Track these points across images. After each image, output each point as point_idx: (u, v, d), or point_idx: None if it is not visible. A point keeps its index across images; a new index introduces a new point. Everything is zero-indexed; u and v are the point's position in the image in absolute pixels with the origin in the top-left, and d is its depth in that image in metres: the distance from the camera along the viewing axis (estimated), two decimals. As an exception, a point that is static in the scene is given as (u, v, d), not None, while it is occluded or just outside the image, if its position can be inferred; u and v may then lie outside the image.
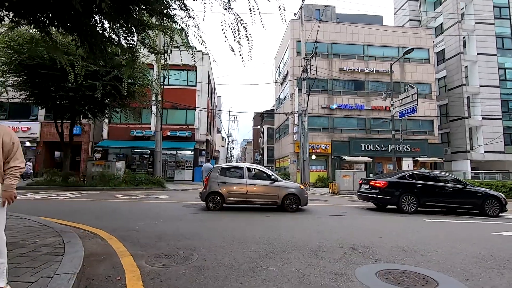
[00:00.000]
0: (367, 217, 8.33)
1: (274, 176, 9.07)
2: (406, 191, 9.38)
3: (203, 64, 24.75)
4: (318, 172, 24.82)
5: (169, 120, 24.22)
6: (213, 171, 9.12)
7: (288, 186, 9.05)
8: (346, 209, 10.02)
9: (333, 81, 25.45)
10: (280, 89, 30.63)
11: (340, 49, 25.92)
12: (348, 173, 17.88)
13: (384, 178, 9.82)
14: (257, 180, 9.04)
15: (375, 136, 25.19)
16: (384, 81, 25.30)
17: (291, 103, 24.78)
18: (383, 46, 26.26)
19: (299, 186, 9.20)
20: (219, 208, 8.69)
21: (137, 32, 5.41)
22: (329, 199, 14.28)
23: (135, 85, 15.64)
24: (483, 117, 26.70)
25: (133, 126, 23.52)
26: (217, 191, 8.77)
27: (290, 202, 8.92)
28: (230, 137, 60.15)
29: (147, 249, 4.39)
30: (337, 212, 9.09)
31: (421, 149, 24.61)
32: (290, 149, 25.10)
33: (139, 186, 15.86)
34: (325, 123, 25.17)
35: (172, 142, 23.26)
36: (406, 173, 9.78)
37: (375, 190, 9.62)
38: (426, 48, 26.68)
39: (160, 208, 8.82)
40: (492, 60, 27.41)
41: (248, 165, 9.32)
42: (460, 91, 27.01)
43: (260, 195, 8.87)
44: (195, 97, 24.23)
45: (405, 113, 16.38)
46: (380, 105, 25.36)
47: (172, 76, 24.31)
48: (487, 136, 26.46)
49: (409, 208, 9.28)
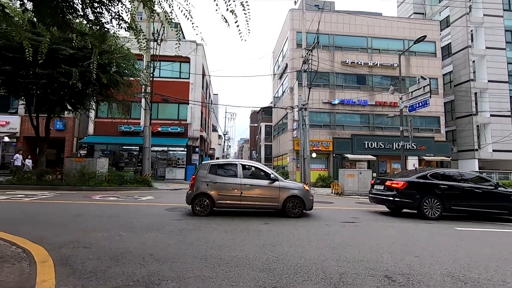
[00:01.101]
0: (385, 225, 6.93)
1: (273, 175, 7.65)
2: (429, 193, 7.99)
3: (197, 55, 23.26)
4: (318, 171, 23.45)
5: (160, 114, 22.71)
6: (201, 169, 7.68)
7: (290, 187, 7.63)
8: (357, 214, 8.62)
9: (335, 75, 24.05)
10: (278, 84, 29.18)
11: (343, 41, 24.51)
12: (353, 172, 16.51)
13: (402, 178, 8.42)
14: (254, 179, 7.62)
15: (379, 133, 23.85)
16: (389, 75, 23.96)
17: (290, 98, 23.36)
18: (387, 38, 24.89)
19: (303, 187, 7.79)
20: (208, 213, 7.26)
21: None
22: (333, 201, 12.91)
23: (120, 74, 14.15)
24: (491, 114, 25.47)
25: (121, 121, 21.94)
26: (205, 192, 7.33)
27: (293, 206, 7.51)
28: (226, 135, 58.66)
29: (89, 281, 2.95)
30: (348, 218, 7.69)
31: (427, 147, 23.33)
32: (289, 146, 23.69)
33: (124, 185, 14.37)
34: (326, 119, 23.78)
35: (163, 138, 21.76)
36: (427, 172, 8.39)
37: (391, 192, 8.23)
38: (432, 41, 25.36)
39: (138, 213, 7.36)
40: (501, 54, 26.16)
41: (243, 162, 7.88)
42: (467, 87, 25.75)
43: (257, 197, 7.45)
44: (188, 90, 22.72)
45: (416, 107, 15.01)
46: (384, 101, 24.02)
47: (164, 68, 22.82)
48: (496, 134, 25.22)
49: (432, 213, 7.91)
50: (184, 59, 22.73)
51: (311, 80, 18.79)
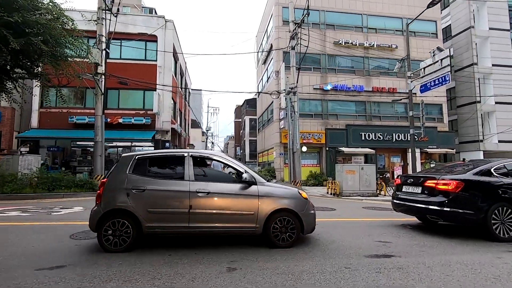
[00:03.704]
0: (449, 261, 3.83)
1: (248, 174, 4.42)
2: (498, 199, 5.01)
3: (165, 33, 19.68)
4: (309, 168, 20.48)
5: (122, 103, 19.08)
6: (118, 165, 4.39)
7: (277, 195, 4.45)
8: (379, 231, 5.54)
9: (326, 57, 21.04)
10: (263, 70, 25.94)
11: (335, 19, 21.51)
12: (353, 168, 13.54)
13: (452, 175, 5.39)
14: (214, 183, 4.41)
15: (377, 123, 21.09)
16: (387, 57, 21.19)
17: (276, 83, 20.19)
18: (384, 16, 22.09)
19: (298, 194, 4.60)
20: (129, 245, 4.00)
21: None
22: (334, 205, 9.87)
23: (46, 43, 10.49)
24: (496, 102, 23.20)
25: (73, 111, 18.21)
26: (124, 208, 4.08)
27: (282, 227, 4.37)
28: (209, 130, 54.98)
29: None
30: (373, 244, 4.60)
31: (429, 138, 20.72)
32: (276, 139, 20.56)
33: (57, 191, 10.82)
34: (318, 108, 20.77)
35: (126, 131, 18.16)
36: (489, 165, 5.39)
37: (436, 198, 5.19)
38: (433, 20, 22.79)
39: (13, 247, 3.97)
40: (505, 36, 23.94)
41: (194, 153, 4.60)
42: (470, 72, 23.39)
43: (218, 215, 4.26)
44: (155, 75, 19.12)
45: (431, 86, 12.20)
46: (382, 86, 21.25)
47: (126, 47, 19.12)
48: (501, 123, 23.01)
49: (505, 231, 4.93)
50: (150, 37, 19.10)
51: (300, 60, 15.68)
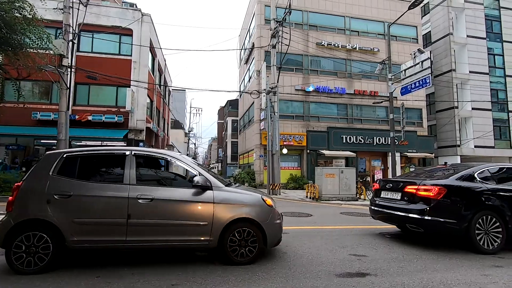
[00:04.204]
0: (431, 279, 3.29)
1: (202, 177, 3.72)
2: (482, 206, 4.58)
3: (142, 27, 18.70)
4: (290, 170, 19.99)
5: (93, 100, 17.90)
6: (39, 165, 3.60)
7: (235, 202, 3.79)
8: (355, 241, 4.99)
9: (309, 58, 20.69)
10: (245, 70, 25.33)
11: (318, 20, 21.23)
12: (333, 171, 13.11)
13: (431, 180, 4.91)
14: (161, 188, 3.70)
15: (358, 126, 20.91)
16: (369, 60, 21.11)
17: (257, 83, 19.62)
18: (367, 20, 22.05)
19: (261, 201, 3.96)
20: (47, 264, 3.23)
21: None
22: (311, 210, 9.33)
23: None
24: (473, 108, 23.68)
25: (37, 107, 16.88)
26: (42, 219, 3.29)
27: (241, 239, 3.71)
28: (191, 131, 53.75)
29: None
30: (347, 258, 4.02)
31: (409, 142, 20.81)
32: (256, 140, 19.94)
33: (6, 193, 9.68)
34: (299, 109, 20.34)
35: (96, 129, 16.99)
36: (472, 169, 4.96)
37: (417, 205, 4.70)
38: (414, 25, 23.02)
39: None
40: (482, 44, 24.53)
41: (139, 151, 3.85)
42: (449, 78, 23.77)
43: (164, 225, 3.56)
44: (129, 70, 18.07)
45: (411, 89, 11.97)
46: (364, 89, 21.13)
47: (97, 40, 17.98)
48: (477, 129, 23.48)
49: (489, 241, 4.50)
50: (125, 31, 18.05)
51: (281, 60, 15.19)
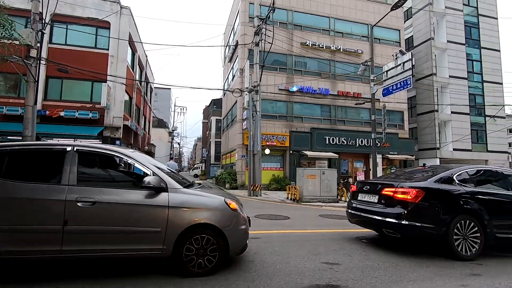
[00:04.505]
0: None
1: (155, 178, 3.26)
2: (461, 210, 4.36)
3: (120, 20, 17.91)
4: (272, 171, 19.69)
5: (66, 95, 16.95)
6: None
7: (194, 205, 3.35)
8: (331, 246, 4.67)
9: (293, 58, 20.48)
10: (229, 68, 24.86)
11: (303, 20, 21.07)
12: (314, 172, 12.88)
13: (409, 182, 4.67)
14: (106, 189, 3.22)
15: (341, 128, 20.87)
16: (352, 62, 21.12)
17: (240, 82, 19.21)
18: (351, 21, 22.10)
19: (223, 205, 3.51)
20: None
21: None
22: (289, 212, 9.01)
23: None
24: (452, 111, 24.21)
25: (2, 100, 15.83)
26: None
27: (199, 248, 3.28)
28: (175, 130, 52.69)
29: None
30: (318, 267, 3.69)
31: (391, 145, 20.97)
32: (238, 140, 19.52)
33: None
34: (283, 109, 20.08)
35: (68, 126, 16.07)
36: (451, 171, 4.75)
37: (394, 209, 4.43)
38: (397, 28, 23.29)
39: None
40: (461, 49, 25.14)
41: (83, 147, 3.35)
42: (429, 82, 24.20)
43: (109, 233, 3.09)
44: (106, 65, 17.24)
45: (393, 90, 11.91)
46: (347, 91, 21.14)
47: (72, 32, 17.04)
48: (456, 132, 24.02)
49: (467, 247, 4.28)
50: (102, 23, 17.21)
51: (264, 58, 14.86)
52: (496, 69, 26.42)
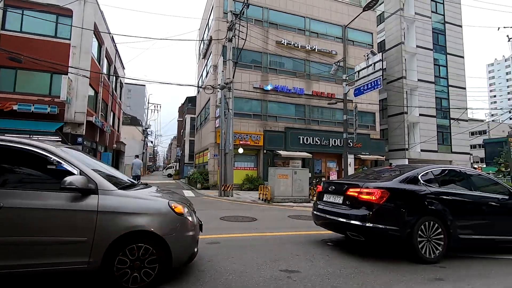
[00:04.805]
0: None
1: (80, 178, 2.73)
2: (426, 212, 4.22)
3: (85, 8, 16.72)
4: (246, 171, 19.33)
5: (21, 86, 15.58)
6: None
7: (131, 209, 2.87)
8: (292, 251, 4.36)
9: (268, 56, 20.25)
10: (203, 65, 24.19)
11: (279, 18, 20.91)
12: (286, 172, 12.68)
13: (375, 183, 4.47)
14: (16, 191, 2.66)
15: (315, 128, 20.94)
16: (327, 63, 21.24)
17: (214, 78, 18.66)
18: (326, 22, 22.27)
19: (166, 209, 3.05)
20: None
21: None
22: (258, 213, 8.68)
23: None
24: (420, 114, 25.17)
25: None
26: None
27: (134, 260, 2.80)
28: (148, 128, 50.88)
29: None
30: (274, 275, 3.34)
31: (363, 145, 21.34)
32: (211, 139, 18.96)
33: None
34: (257, 108, 19.79)
35: (23, 120, 14.72)
36: (416, 171, 4.61)
37: (359, 210, 4.20)
38: (370, 31, 23.81)
39: None
40: (429, 55, 26.23)
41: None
42: (400, 84, 25.00)
43: (18, 244, 2.53)
44: (67, 55, 16.02)
45: (364, 90, 11.97)
46: (321, 91, 21.25)
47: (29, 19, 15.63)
48: (423, 134, 25.01)
49: (431, 249, 4.14)
50: (63, 11, 16.00)
51: (238, 54, 14.46)
52: (460, 75, 27.86)
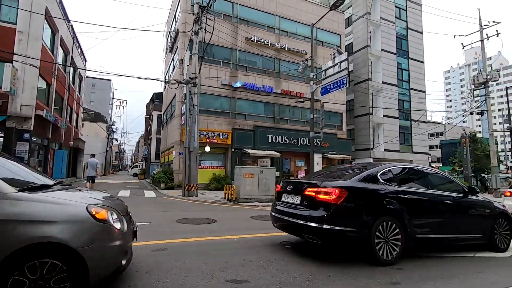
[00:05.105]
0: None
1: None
2: (384, 211, 4.05)
3: (34, -10, 15.11)
4: (213, 170, 18.76)
5: (-46, 75, 13.68)
6: None
7: (35, 216, 2.31)
8: (246, 256, 3.98)
9: (237, 52, 19.82)
10: (170, 59, 23.17)
11: (249, 14, 20.55)
12: (252, 171, 12.35)
13: (334, 181, 4.24)
14: None
15: (284, 126, 20.89)
16: (297, 62, 21.25)
17: (180, 73, 17.85)
18: (296, 22, 22.31)
19: (83, 215, 2.52)
20: None
21: None
22: (219, 214, 8.25)
23: None
24: (384, 115, 26.18)
25: None
26: None
27: (35, 279, 2.23)
28: (112, 125, 48.18)
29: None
30: (221, 285, 2.92)
31: (330, 145, 21.67)
32: (176, 136, 18.13)
33: None
34: (226, 105, 19.28)
35: (-44, 113, 12.96)
36: (376, 169, 4.45)
37: (317, 211, 3.93)
38: (338, 33, 24.27)
39: None
40: (392, 58, 27.36)
41: None
42: (366, 86, 25.80)
43: None
44: (13, 42, 14.39)
45: (330, 89, 11.96)
46: (291, 90, 21.23)
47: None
48: (387, 134, 26.04)
49: (388, 251, 3.98)
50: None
51: (204, 48, 13.84)
52: (421, 79, 29.45)
